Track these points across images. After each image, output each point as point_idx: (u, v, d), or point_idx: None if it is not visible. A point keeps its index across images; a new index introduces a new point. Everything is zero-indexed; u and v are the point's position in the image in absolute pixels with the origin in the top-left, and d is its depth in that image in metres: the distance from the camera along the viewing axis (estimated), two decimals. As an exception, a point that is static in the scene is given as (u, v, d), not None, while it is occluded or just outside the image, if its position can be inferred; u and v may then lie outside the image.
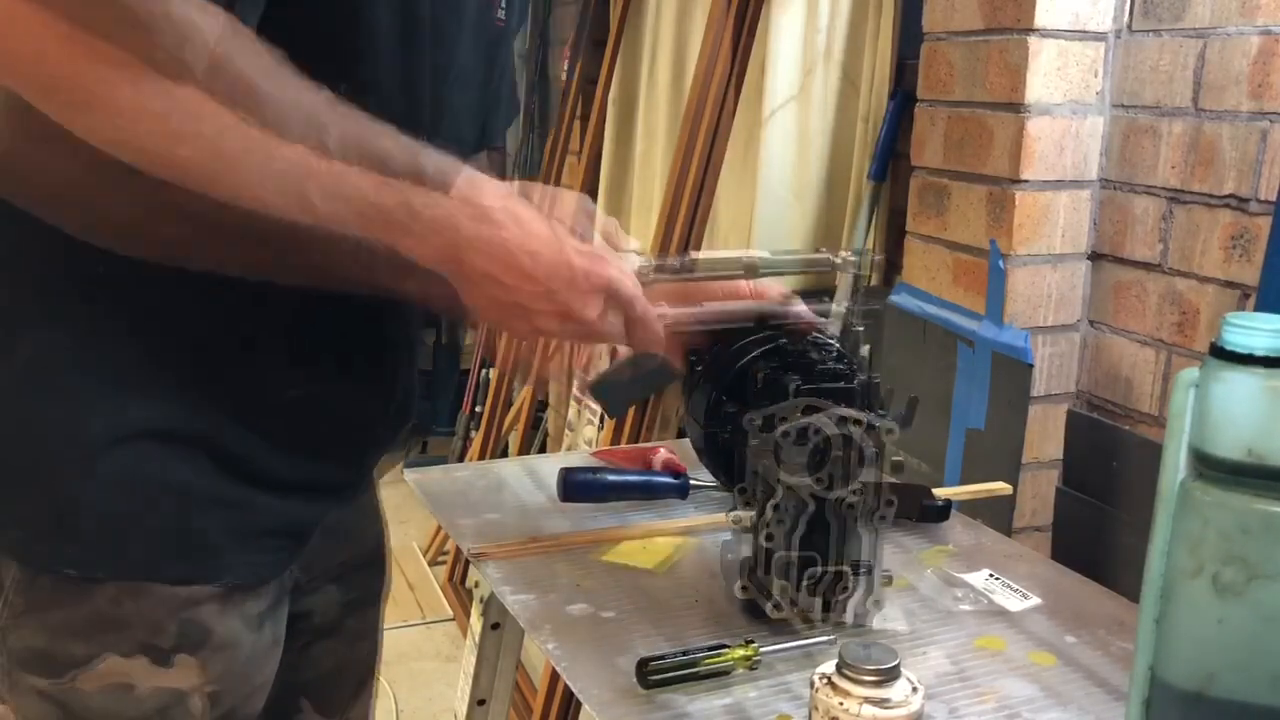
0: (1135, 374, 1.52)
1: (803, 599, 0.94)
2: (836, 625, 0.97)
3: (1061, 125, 1.53)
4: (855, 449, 0.91)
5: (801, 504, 0.91)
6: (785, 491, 0.91)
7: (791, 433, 0.90)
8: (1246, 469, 0.70)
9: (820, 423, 0.91)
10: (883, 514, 0.93)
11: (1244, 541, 0.71)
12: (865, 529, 0.94)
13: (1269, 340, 0.70)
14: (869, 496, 0.92)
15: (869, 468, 0.92)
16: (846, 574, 0.94)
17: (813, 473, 0.92)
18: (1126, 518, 1.50)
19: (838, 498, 0.91)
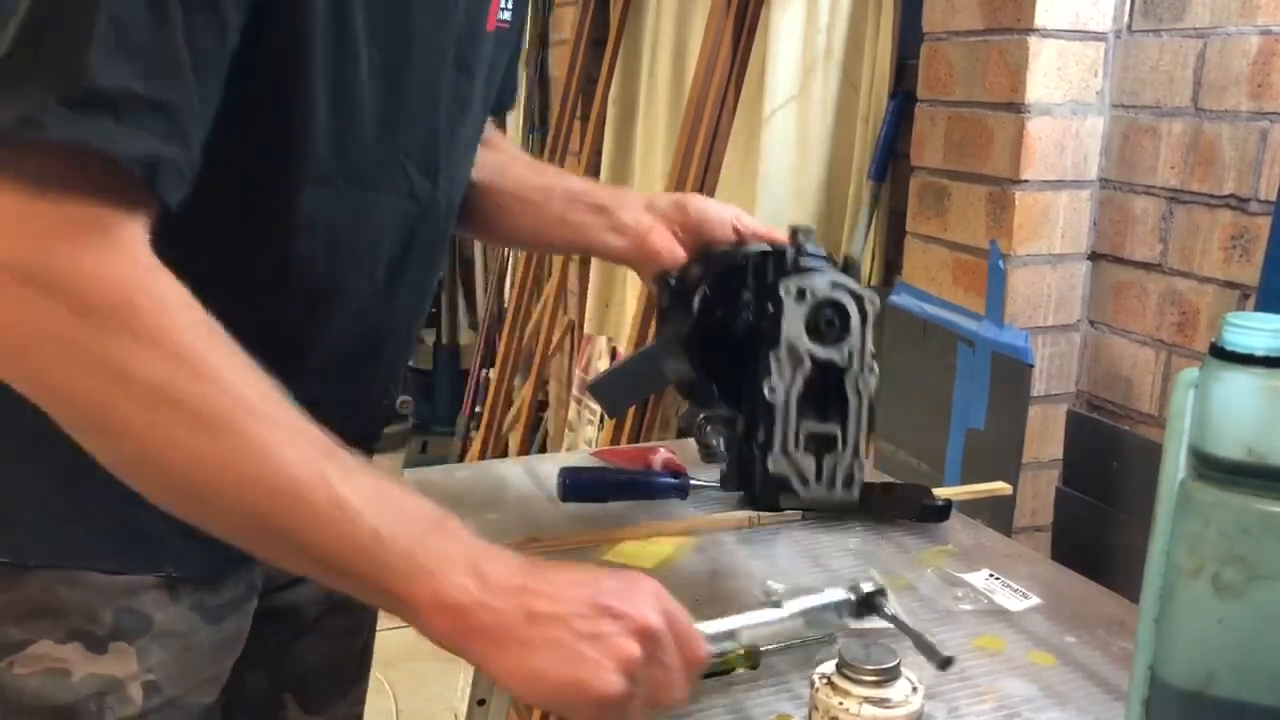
0: (1135, 374, 1.52)
1: (800, 457, 0.99)
2: (828, 489, 1.02)
3: (1061, 125, 1.53)
4: (843, 313, 1.00)
5: (798, 359, 0.98)
6: (788, 348, 0.98)
7: (792, 291, 0.98)
8: (1246, 469, 0.70)
9: (815, 283, 0.99)
10: (866, 380, 1.01)
11: (1244, 541, 0.71)
12: (851, 392, 1.00)
13: (1269, 340, 0.70)
14: (857, 358, 1.00)
15: (855, 333, 1.00)
16: (836, 435, 1.00)
17: (808, 334, 0.99)
18: (1126, 518, 1.50)
19: (829, 358, 0.99)
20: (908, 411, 1.78)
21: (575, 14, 3.33)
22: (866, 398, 1.01)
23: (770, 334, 0.98)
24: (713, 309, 1.04)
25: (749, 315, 1.02)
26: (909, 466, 1.77)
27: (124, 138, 0.66)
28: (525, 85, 3.77)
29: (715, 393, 1.05)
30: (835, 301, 0.99)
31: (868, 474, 1.43)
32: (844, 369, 1.00)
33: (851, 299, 1.00)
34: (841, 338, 1.00)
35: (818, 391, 0.99)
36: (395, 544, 0.70)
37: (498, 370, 3.60)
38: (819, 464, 0.99)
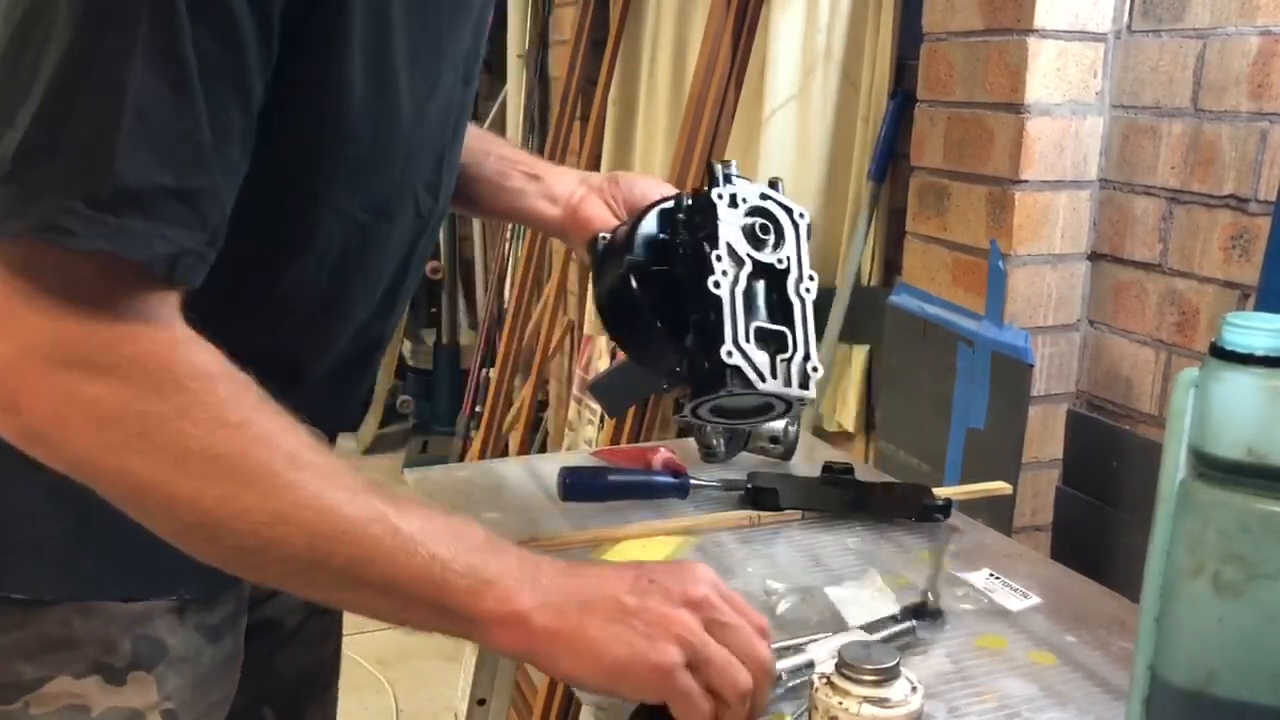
0: (1135, 374, 1.52)
1: (753, 350, 0.95)
2: (785, 384, 0.97)
3: (1061, 125, 1.53)
4: (775, 221, 1.00)
5: (739, 260, 0.97)
6: (727, 249, 0.96)
7: (725, 196, 0.98)
8: (1246, 468, 0.71)
9: (745, 191, 0.99)
10: (807, 286, 0.99)
11: (1244, 541, 0.71)
12: (794, 296, 0.99)
13: (1269, 340, 0.70)
14: (794, 265, 1.00)
15: (791, 243, 1.00)
16: (787, 335, 0.97)
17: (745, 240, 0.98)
18: (1127, 517, 1.51)
19: (768, 261, 0.98)
20: (908, 411, 1.78)
21: (575, 14, 3.33)
22: (809, 302, 0.99)
23: (709, 239, 0.96)
24: (648, 250, 1.02)
25: (683, 247, 0.99)
26: (909, 466, 1.77)
27: (151, 239, 0.66)
28: (525, 85, 3.77)
29: (660, 331, 1.00)
30: (766, 210, 0.99)
31: (867, 474, 1.43)
32: (784, 273, 0.98)
33: (782, 210, 1.00)
34: (778, 245, 0.99)
35: (764, 299, 0.98)
36: (455, 564, 0.73)
37: (498, 370, 3.60)
38: (773, 362, 0.96)
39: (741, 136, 2.38)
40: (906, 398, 1.78)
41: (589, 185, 1.15)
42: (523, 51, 3.78)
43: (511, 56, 3.85)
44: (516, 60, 3.81)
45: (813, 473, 1.37)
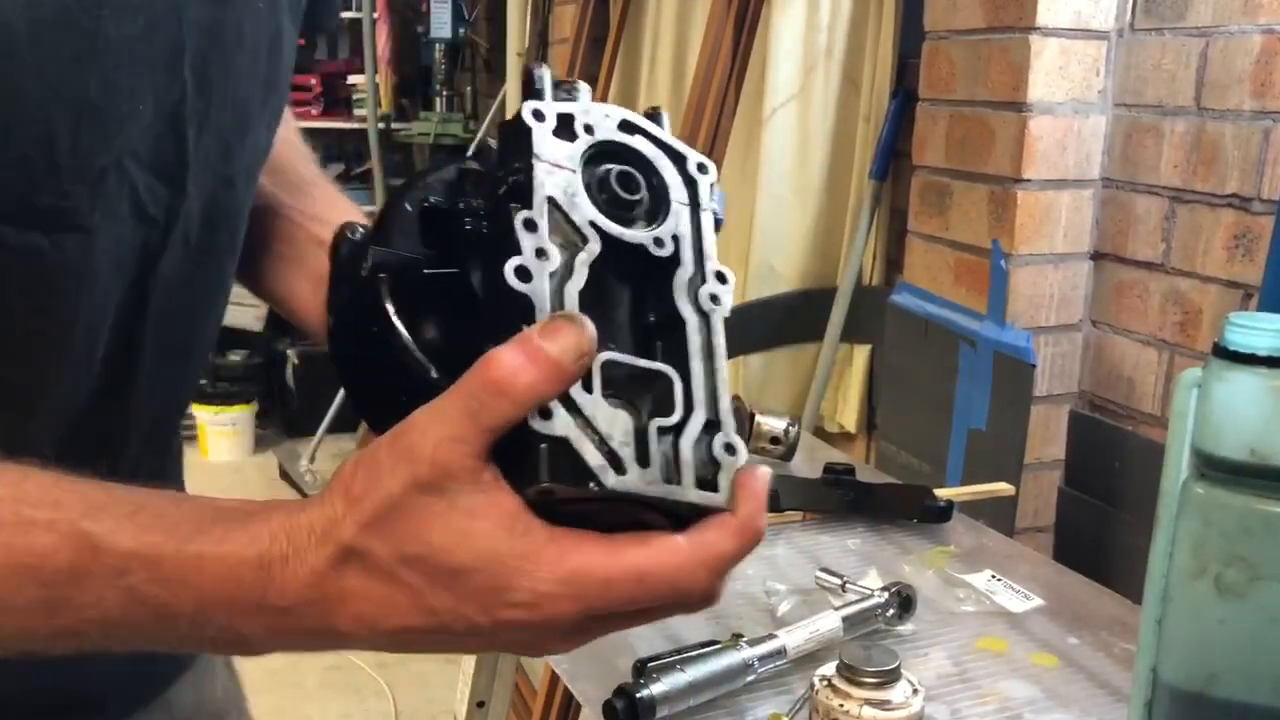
0: (1137, 374, 1.51)
1: (598, 406, 0.47)
2: (664, 478, 0.48)
3: (1063, 124, 1.52)
4: (653, 175, 0.54)
5: (575, 231, 0.51)
6: (552, 207, 0.50)
7: (548, 116, 0.52)
8: (1249, 469, 0.70)
9: (594, 116, 0.54)
10: (714, 294, 0.53)
11: (1246, 542, 0.70)
12: (689, 309, 0.52)
13: (1272, 340, 0.70)
14: (689, 255, 0.53)
15: (683, 219, 0.54)
16: (671, 380, 0.49)
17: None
18: (1129, 518, 1.50)
19: (632, 241, 0.52)
20: (909, 411, 1.77)
21: (575, 12, 3.33)
22: (718, 323, 0.53)
23: (514, 193, 0.51)
24: (424, 237, 0.56)
25: (472, 218, 0.54)
26: (910, 467, 1.76)
27: None
28: (526, 85, 3.77)
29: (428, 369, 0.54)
30: (634, 153, 0.54)
31: (868, 474, 1.43)
32: (667, 265, 0.53)
33: (668, 158, 0.55)
34: (655, 217, 0.54)
35: (625, 311, 0.53)
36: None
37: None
38: (641, 432, 0.48)
39: (742, 135, 2.37)
40: (908, 398, 1.77)
41: None
42: (522, 50, 3.77)
43: (511, 55, 3.84)
44: (516, 59, 3.80)
45: (814, 473, 1.36)
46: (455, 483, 0.44)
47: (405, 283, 0.55)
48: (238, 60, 0.65)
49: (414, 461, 0.44)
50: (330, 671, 2.82)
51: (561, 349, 0.45)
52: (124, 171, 0.59)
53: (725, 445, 0.49)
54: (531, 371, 0.44)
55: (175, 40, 0.60)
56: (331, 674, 2.81)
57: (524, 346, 0.45)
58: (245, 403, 4.21)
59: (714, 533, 0.47)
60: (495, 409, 0.44)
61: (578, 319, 0.46)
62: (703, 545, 0.47)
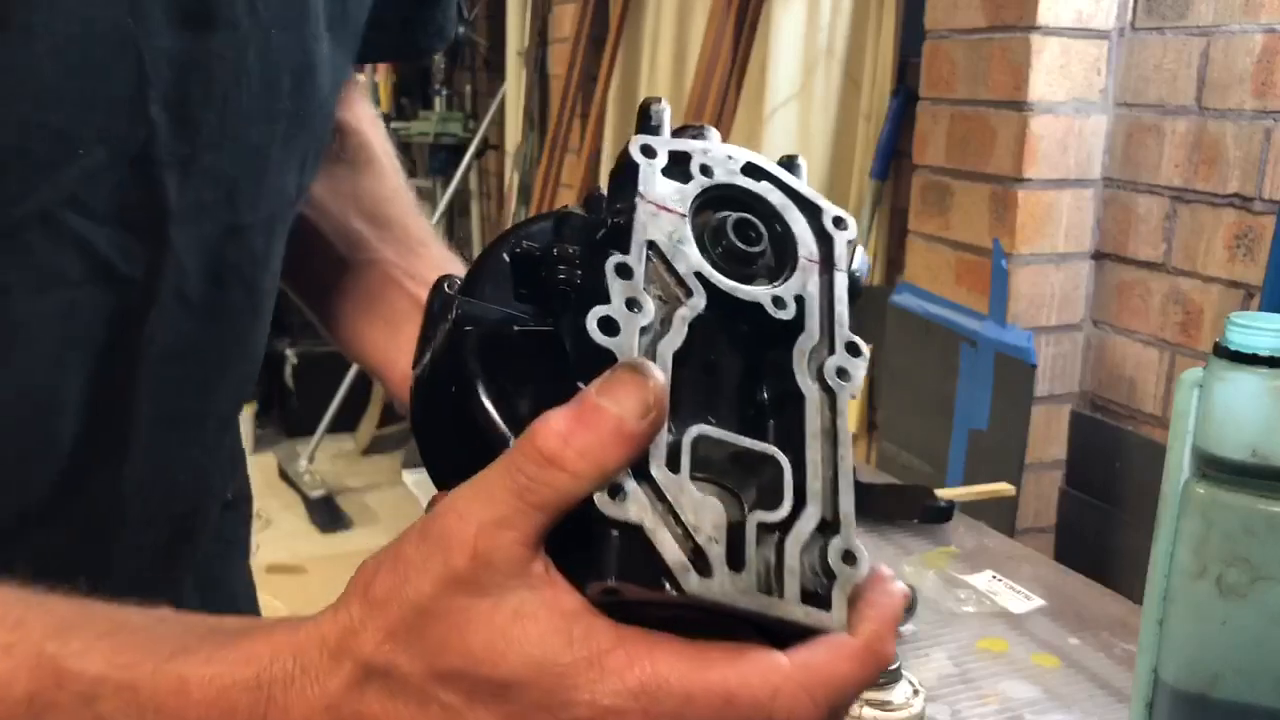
0: (1139, 374, 1.51)
1: (686, 494, 0.38)
2: (760, 586, 0.38)
3: (1064, 124, 1.52)
4: (779, 229, 0.46)
5: (679, 284, 0.43)
6: (651, 251, 0.43)
7: (659, 152, 0.45)
8: (1251, 470, 0.70)
9: (713, 155, 0.46)
10: (841, 367, 0.43)
11: (1248, 542, 0.70)
12: (811, 384, 0.43)
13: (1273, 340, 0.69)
14: (818, 321, 0.44)
15: (810, 276, 0.45)
16: (780, 465, 0.40)
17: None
18: (1130, 519, 1.50)
19: (749, 299, 0.43)
20: (910, 412, 1.77)
21: (575, 11, 3.32)
22: (844, 406, 0.43)
23: (612, 237, 0.43)
24: (518, 290, 0.48)
25: (566, 269, 0.45)
26: (911, 467, 1.76)
27: None
28: (525, 83, 3.77)
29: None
30: (761, 200, 0.46)
31: (868, 475, 1.42)
32: (788, 329, 0.44)
33: (801, 209, 0.46)
34: (780, 273, 0.45)
35: (734, 382, 0.44)
36: None
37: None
38: (736, 524, 0.39)
39: (742, 134, 2.37)
40: (908, 398, 1.77)
41: None
42: (522, 49, 3.77)
43: (511, 54, 3.84)
44: (516, 58, 3.80)
45: (814, 473, 1.36)
46: (500, 577, 0.36)
47: (496, 341, 0.46)
48: (237, 95, 0.57)
49: (449, 552, 0.36)
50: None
51: (623, 406, 0.36)
52: (57, 224, 0.51)
53: (843, 553, 0.39)
54: (586, 435, 0.36)
55: (134, 75, 0.52)
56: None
57: (578, 405, 0.37)
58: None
59: (825, 654, 0.38)
60: (547, 484, 0.36)
61: (643, 367, 0.37)
62: (810, 668, 0.37)
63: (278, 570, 3.29)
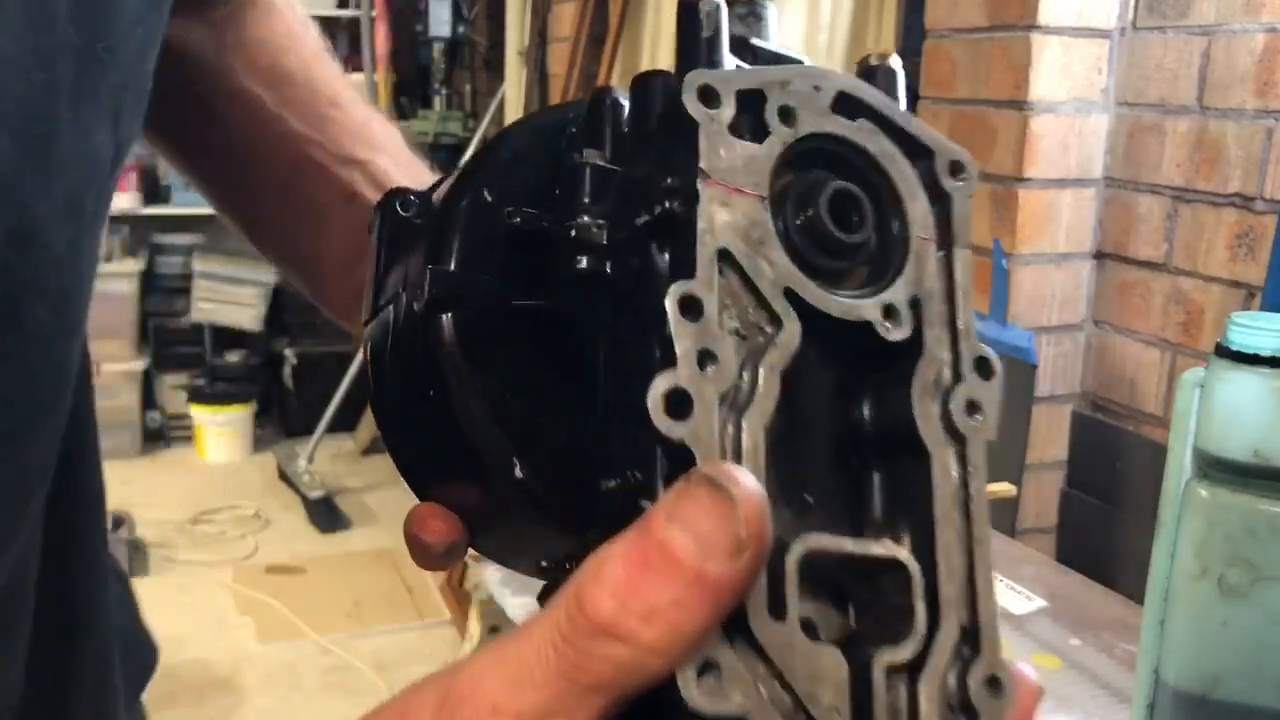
0: (1140, 374, 1.51)
1: (800, 667, 0.28)
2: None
3: (1065, 123, 1.52)
4: (889, 201, 0.33)
5: (755, 329, 0.31)
6: (724, 258, 0.30)
7: (722, 90, 0.31)
8: (1252, 470, 0.70)
9: (800, 92, 0.33)
10: (974, 401, 0.33)
11: (1249, 543, 0.70)
12: (940, 432, 0.32)
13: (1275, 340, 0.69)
14: (937, 331, 0.33)
15: (929, 263, 0.33)
16: (906, 572, 0.31)
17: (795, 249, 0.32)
18: (1131, 519, 1.49)
19: (859, 318, 0.32)
20: (910, 411, 1.77)
21: (575, 10, 3.32)
22: (979, 458, 0.33)
23: (662, 224, 0.31)
24: (505, 252, 0.37)
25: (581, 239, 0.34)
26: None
27: None
28: (525, 82, 3.77)
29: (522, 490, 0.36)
30: (861, 152, 0.33)
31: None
32: (902, 352, 0.32)
33: (909, 154, 0.34)
34: (884, 263, 0.33)
35: (827, 429, 0.32)
36: None
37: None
38: (860, 671, 0.29)
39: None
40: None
41: None
42: (522, 48, 3.77)
43: (511, 53, 3.84)
44: (516, 57, 3.80)
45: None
46: None
47: (481, 325, 0.36)
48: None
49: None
50: (330, 674, 2.81)
51: (706, 543, 0.25)
52: None
53: (988, 679, 0.30)
54: (654, 590, 0.25)
55: None
56: (331, 676, 2.80)
57: (639, 540, 0.25)
58: (243, 403, 4.20)
59: None
60: (605, 659, 0.25)
61: (730, 480, 0.25)
62: None
63: (277, 571, 3.29)
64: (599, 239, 0.33)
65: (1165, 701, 0.76)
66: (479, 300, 0.36)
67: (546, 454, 0.35)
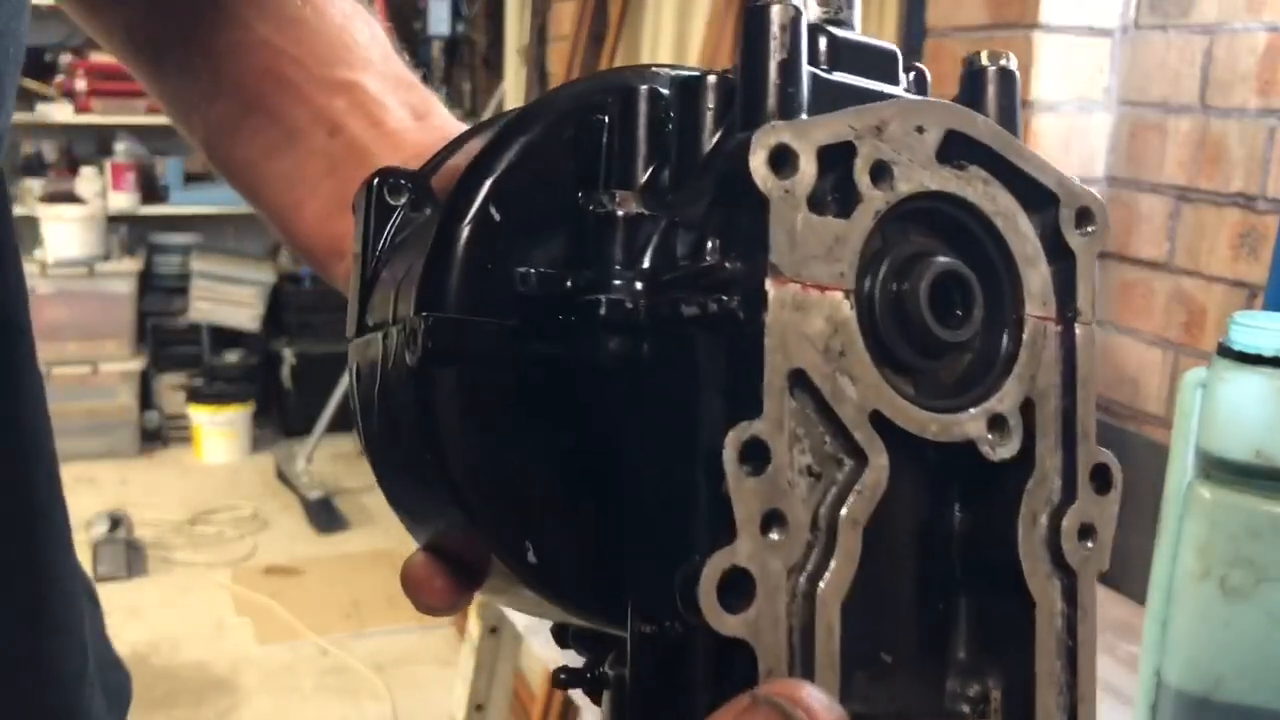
0: (1142, 374, 1.50)
1: None
2: None
3: (1067, 122, 1.51)
4: (1002, 277, 0.28)
5: (832, 461, 0.25)
6: (805, 423, 0.25)
7: (795, 149, 0.25)
8: (1254, 470, 0.69)
9: (902, 146, 0.27)
10: (1088, 525, 0.30)
11: (1252, 544, 0.69)
12: (1048, 569, 0.28)
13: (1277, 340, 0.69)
14: (1044, 441, 0.28)
15: (1047, 349, 0.28)
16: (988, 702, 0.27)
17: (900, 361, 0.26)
18: (1133, 520, 1.49)
19: (961, 438, 0.27)
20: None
21: (574, 9, 3.32)
22: (1090, 599, 0.29)
23: (709, 323, 0.25)
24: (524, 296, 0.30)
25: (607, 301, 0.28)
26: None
27: None
28: (524, 81, 3.76)
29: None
30: (970, 209, 0.28)
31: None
32: (1005, 468, 0.27)
33: (1027, 201, 0.29)
34: (994, 362, 0.28)
35: (911, 573, 0.27)
36: None
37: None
38: None
39: (743, 134, 2.37)
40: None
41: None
42: (521, 47, 3.77)
43: (510, 52, 3.84)
44: (515, 55, 3.80)
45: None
46: None
47: (483, 379, 0.30)
48: None
49: None
50: (328, 675, 2.81)
51: None
52: None
53: None
54: None
55: None
56: (329, 677, 2.80)
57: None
58: (241, 403, 4.20)
59: None
60: None
61: (805, 703, 0.21)
62: None
63: (275, 572, 3.28)
64: (633, 317, 0.27)
65: (1167, 703, 0.75)
66: (483, 353, 0.29)
67: (563, 541, 0.29)
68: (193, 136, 0.51)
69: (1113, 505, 0.29)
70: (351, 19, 0.50)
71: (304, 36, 0.48)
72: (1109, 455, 0.29)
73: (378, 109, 0.46)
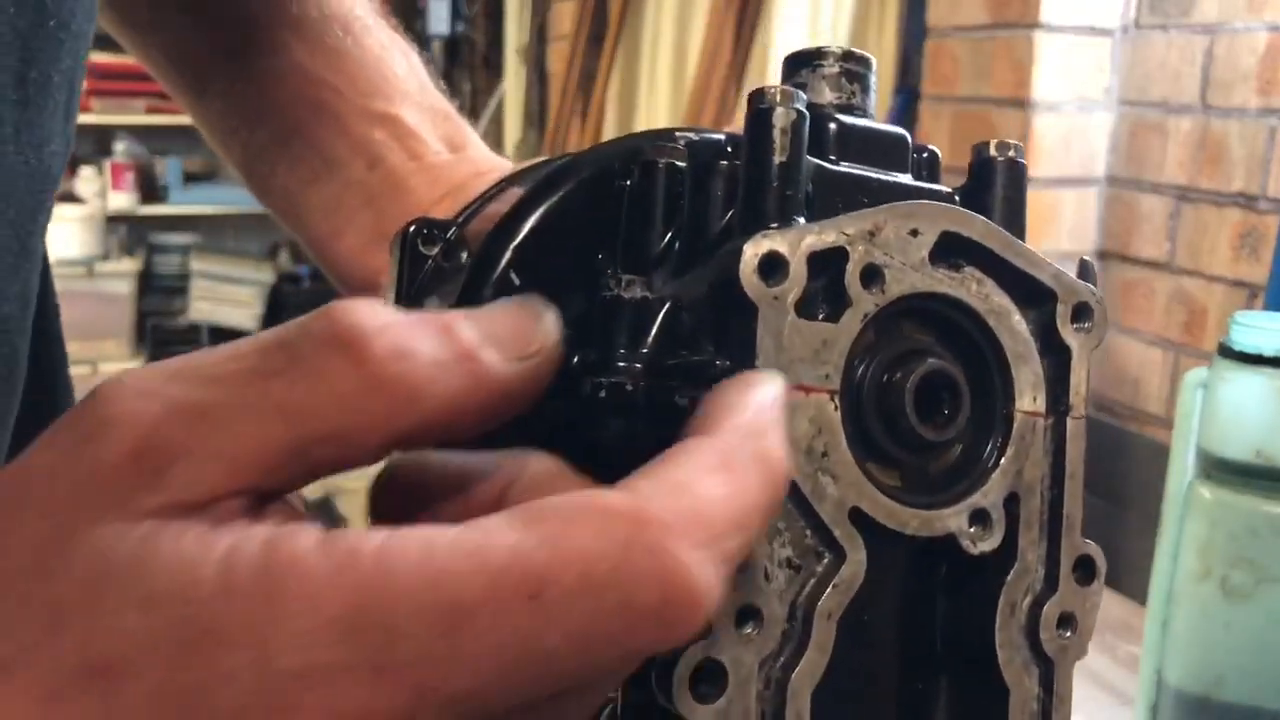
0: (1143, 374, 1.50)
1: None
2: None
3: (1068, 122, 1.51)
4: (997, 386, 0.29)
5: (811, 555, 0.26)
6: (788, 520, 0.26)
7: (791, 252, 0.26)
8: (1255, 470, 0.69)
9: (898, 251, 0.27)
10: (1068, 614, 0.28)
11: (1252, 544, 0.70)
12: (1025, 657, 0.28)
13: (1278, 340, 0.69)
14: (1028, 534, 0.28)
15: (1021, 441, 0.29)
16: None
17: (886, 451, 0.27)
18: (1134, 520, 1.49)
19: (943, 533, 0.27)
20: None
21: (574, 9, 3.32)
22: (1065, 687, 0.29)
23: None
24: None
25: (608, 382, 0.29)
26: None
27: None
28: (524, 81, 3.77)
29: None
30: (960, 307, 0.29)
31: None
32: (986, 561, 0.28)
33: (1020, 297, 0.31)
34: (980, 457, 0.28)
35: (883, 666, 0.28)
36: None
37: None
38: None
39: (744, 134, 2.37)
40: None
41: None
42: (521, 47, 3.77)
43: (510, 52, 3.84)
44: (515, 55, 3.80)
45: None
46: None
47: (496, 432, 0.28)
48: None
49: None
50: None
51: None
52: None
53: None
54: None
55: None
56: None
57: None
58: (244, 401, 4.19)
59: (679, 472, 0.22)
60: None
61: None
62: (668, 498, 0.21)
63: (277, 570, 3.29)
64: (632, 398, 0.28)
65: (1168, 703, 0.75)
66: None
67: None
68: (231, 160, 0.52)
69: (1095, 595, 0.28)
70: (389, 49, 0.51)
71: (344, 66, 0.49)
72: (1094, 547, 0.29)
73: (415, 142, 0.47)
